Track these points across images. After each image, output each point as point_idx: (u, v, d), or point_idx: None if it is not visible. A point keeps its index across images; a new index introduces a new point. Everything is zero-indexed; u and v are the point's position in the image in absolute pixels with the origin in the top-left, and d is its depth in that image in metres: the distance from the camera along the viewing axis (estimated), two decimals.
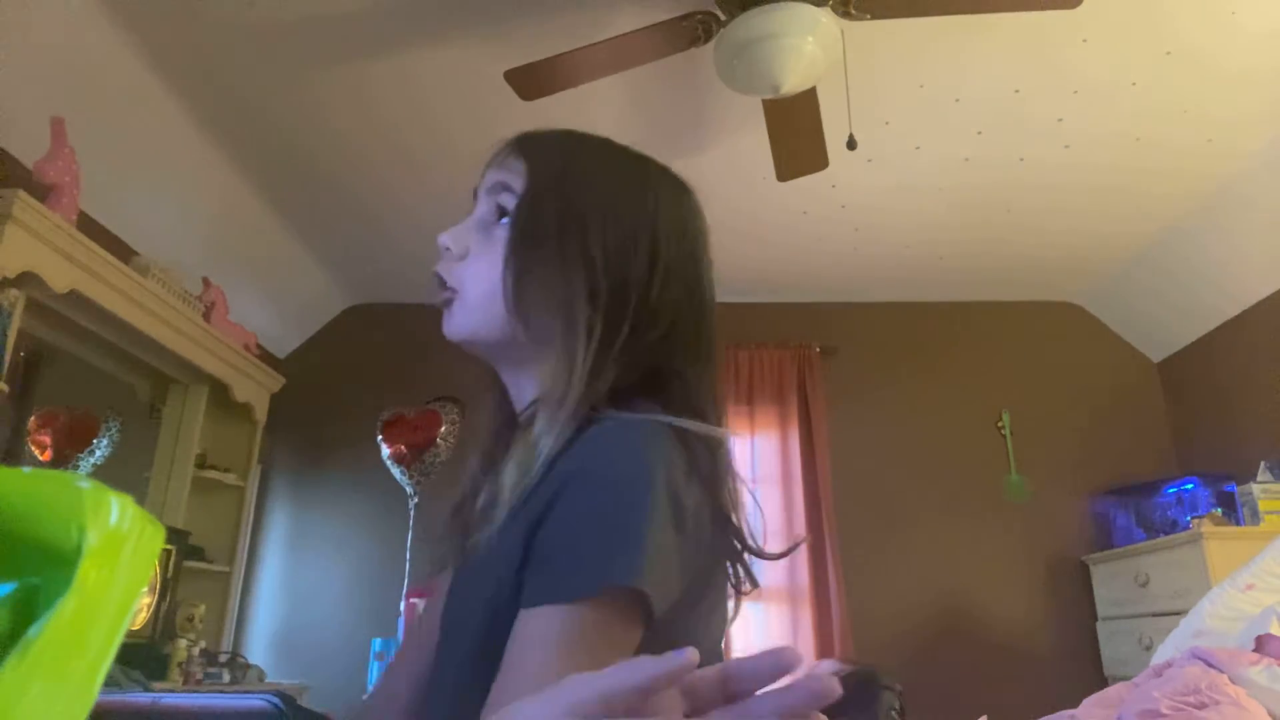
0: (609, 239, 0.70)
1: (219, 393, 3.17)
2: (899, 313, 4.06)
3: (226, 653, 3.12)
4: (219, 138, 2.80)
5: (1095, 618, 3.54)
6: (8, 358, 2.09)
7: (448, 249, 0.74)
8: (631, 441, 0.61)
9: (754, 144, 2.72)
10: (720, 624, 0.69)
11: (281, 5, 2.25)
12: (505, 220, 0.73)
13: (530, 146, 0.75)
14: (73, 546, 0.26)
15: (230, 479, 3.25)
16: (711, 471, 0.65)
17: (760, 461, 3.81)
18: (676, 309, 0.71)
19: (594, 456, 0.61)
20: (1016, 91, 2.60)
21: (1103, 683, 3.22)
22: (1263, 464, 3.06)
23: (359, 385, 3.87)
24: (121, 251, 2.65)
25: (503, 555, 0.61)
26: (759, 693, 0.36)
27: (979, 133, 2.80)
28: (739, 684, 0.35)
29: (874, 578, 3.65)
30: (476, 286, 0.72)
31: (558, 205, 0.71)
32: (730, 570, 0.70)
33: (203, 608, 3.02)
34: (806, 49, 1.96)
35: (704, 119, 2.73)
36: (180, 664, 2.80)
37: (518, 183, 0.73)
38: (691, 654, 0.31)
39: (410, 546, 3.45)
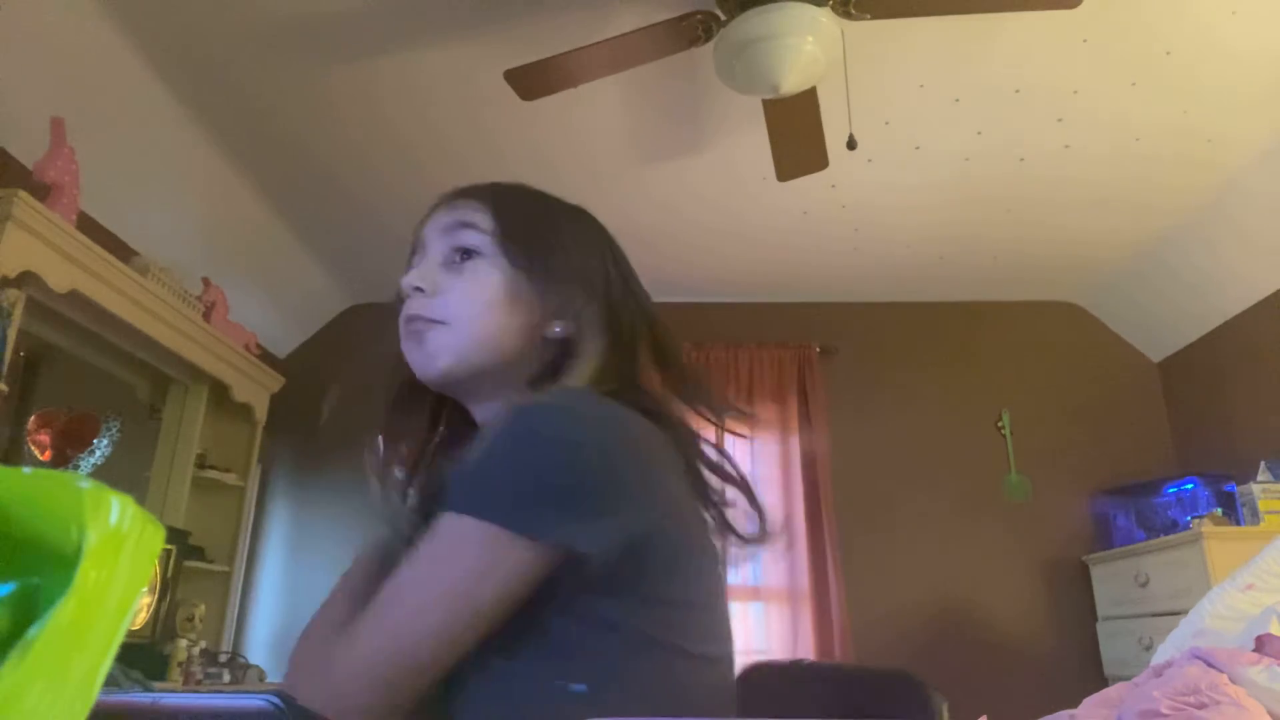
0: (575, 261, 0.81)
1: (219, 393, 3.17)
2: (899, 313, 4.06)
3: (226, 653, 3.12)
4: (219, 138, 2.80)
5: (1095, 618, 3.54)
6: (8, 358, 2.09)
7: (420, 289, 0.79)
8: None
9: (754, 144, 2.72)
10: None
11: (282, 5, 2.25)
12: (473, 255, 0.79)
13: (482, 192, 0.83)
14: (73, 546, 0.26)
15: (230, 479, 3.25)
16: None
17: (760, 461, 3.81)
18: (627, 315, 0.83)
19: None
20: (1016, 91, 2.60)
21: (1103, 683, 3.22)
22: (1263, 464, 3.06)
23: (359, 385, 3.86)
24: (121, 251, 2.64)
25: None
26: None
27: (979, 133, 2.80)
28: None
29: (874, 578, 3.65)
30: (466, 309, 0.78)
31: (534, 239, 0.80)
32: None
33: (203, 608, 3.02)
34: (806, 49, 1.96)
35: (703, 119, 2.73)
36: (180, 664, 2.80)
37: (485, 222, 0.79)
38: None
39: None
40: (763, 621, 3.61)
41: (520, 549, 0.63)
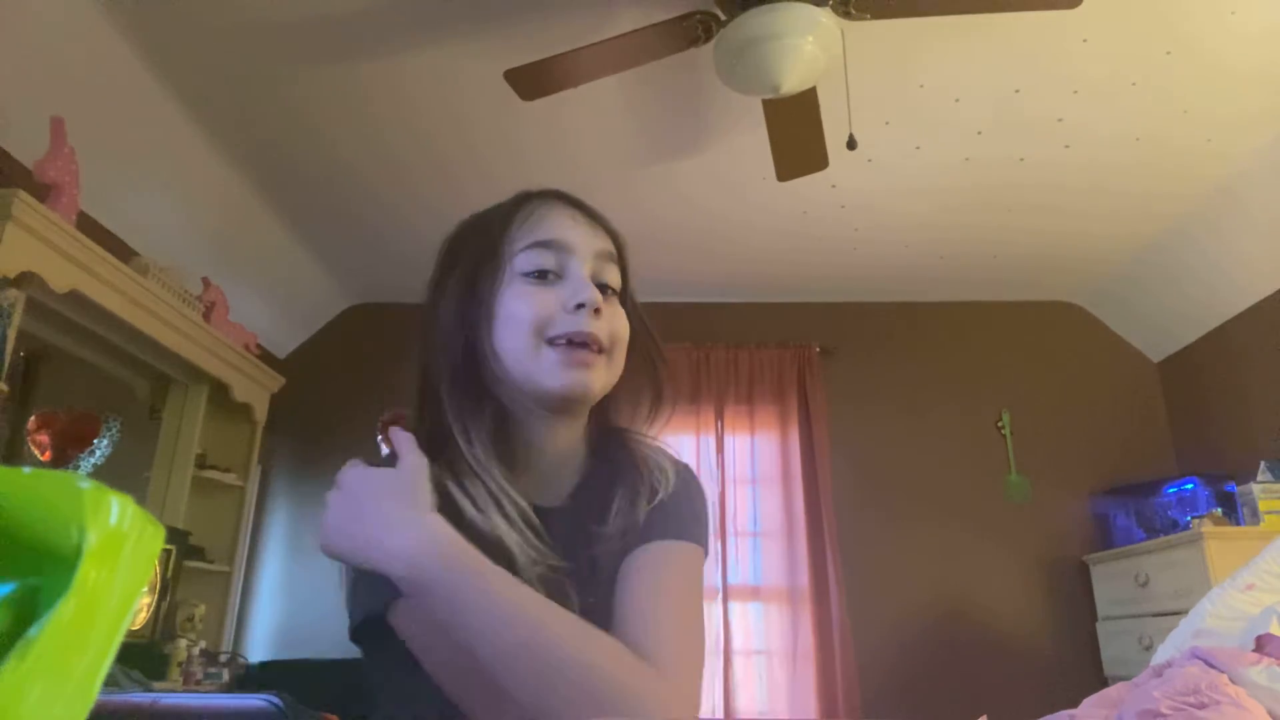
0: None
1: (219, 393, 3.17)
2: (899, 313, 4.06)
3: (226, 653, 3.12)
4: (219, 138, 2.80)
5: (1095, 618, 3.54)
6: (8, 358, 2.09)
7: (598, 310, 0.77)
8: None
9: (754, 144, 2.72)
10: None
11: (282, 6, 2.25)
12: (614, 293, 0.81)
13: (608, 224, 0.85)
14: (73, 546, 0.26)
15: (230, 479, 3.25)
16: None
17: (760, 461, 3.81)
18: None
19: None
20: (1016, 91, 2.60)
21: (1103, 683, 3.22)
22: (1263, 464, 3.06)
23: (359, 385, 3.87)
24: (121, 251, 2.64)
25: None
26: None
27: (979, 133, 2.80)
28: None
29: (874, 578, 3.65)
30: (620, 345, 0.80)
31: (631, 293, 0.86)
32: None
33: (203, 608, 3.02)
34: (806, 49, 1.96)
35: (704, 119, 2.73)
36: (180, 664, 2.80)
37: (615, 255, 0.83)
38: None
39: None
40: (762, 621, 3.62)
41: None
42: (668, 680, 0.65)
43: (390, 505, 0.69)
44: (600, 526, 0.77)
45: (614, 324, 0.79)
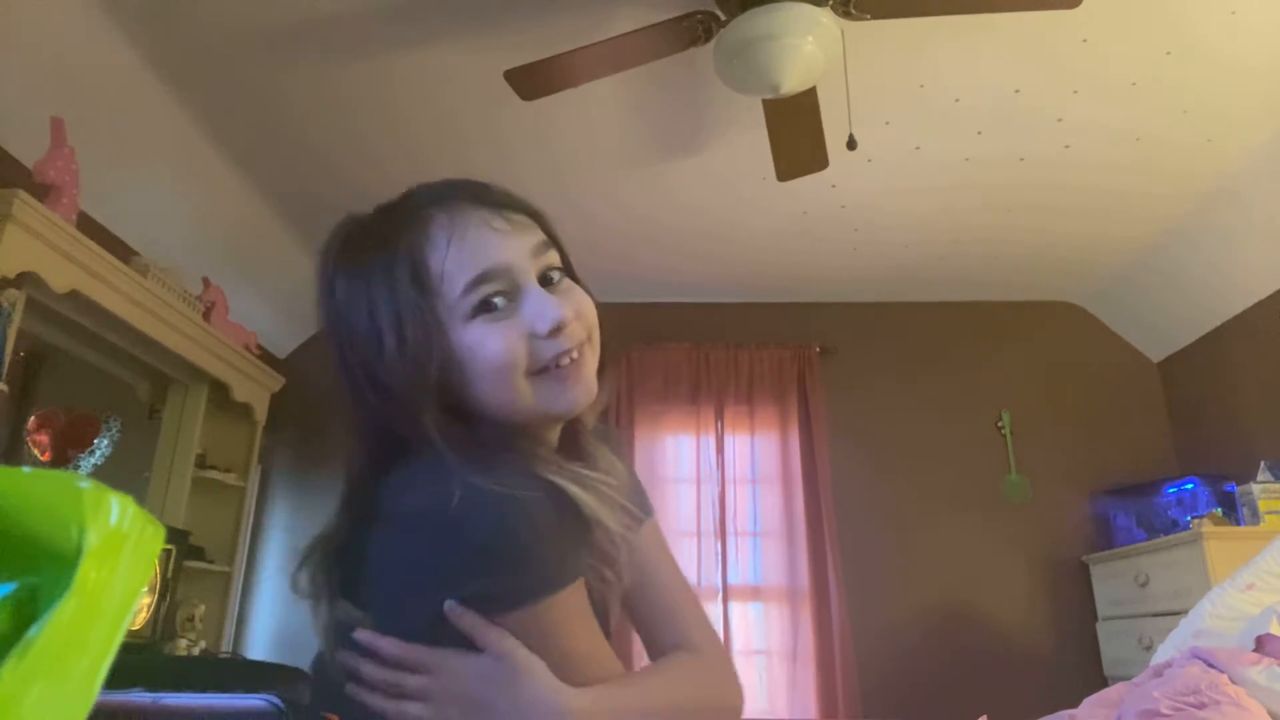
0: None
1: (219, 393, 3.17)
2: (899, 313, 4.06)
3: (226, 653, 3.12)
4: (219, 138, 2.80)
5: (1095, 618, 3.54)
6: (8, 358, 2.09)
7: (574, 320, 0.74)
8: None
9: (754, 144, 2.72)
10: None
11: (283, 5, 2.25)
12: (561, 273, 0.77)
13: (523, 205, 0.79)
14: (73, 546, 0.26)
15: (230, 479, 3.25)
16: None
17: (760, 461, 3.81)
18: None
19: None
20: (1016, 91, 2.60)
21: (1103, 683, 3.22)
22: (1263, 464, 3.05)
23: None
24: (121, 251, 2.64)
25: None
26: None
27: (979, 133, 2.80)
28: None
29: (874, 578, 3.65)
30: (594, 324, 0.78)
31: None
32: None
33: (203, 608, 3.02)
34: (806, 49, 1.96)
35: (704, 119, 2.73)
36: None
37: (547, 238, 0.77)
38: None
39: None
40: (762, 621, 3.61)
41: None
42: (728, 661, 0.84)
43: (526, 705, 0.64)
44: None
45: (582, 313, 0.75)
